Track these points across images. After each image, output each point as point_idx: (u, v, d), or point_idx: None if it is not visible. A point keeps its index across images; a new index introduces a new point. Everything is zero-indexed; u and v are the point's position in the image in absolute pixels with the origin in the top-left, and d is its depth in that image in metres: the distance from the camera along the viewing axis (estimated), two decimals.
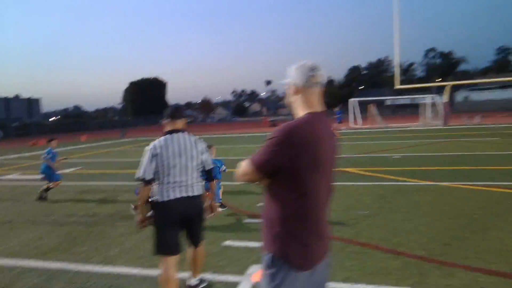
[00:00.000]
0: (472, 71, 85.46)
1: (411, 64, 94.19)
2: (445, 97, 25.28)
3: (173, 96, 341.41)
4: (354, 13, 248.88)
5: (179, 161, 2.93)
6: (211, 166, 3.19)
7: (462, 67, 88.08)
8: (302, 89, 1.79)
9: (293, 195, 1.73)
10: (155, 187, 2.96)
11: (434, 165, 9.42)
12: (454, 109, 59.83)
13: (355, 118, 30.56)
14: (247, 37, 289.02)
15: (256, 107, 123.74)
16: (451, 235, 4.39)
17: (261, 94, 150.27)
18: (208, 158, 3.19)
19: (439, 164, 9.47)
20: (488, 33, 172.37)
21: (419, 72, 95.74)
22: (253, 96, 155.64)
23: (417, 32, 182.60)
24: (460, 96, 68.05)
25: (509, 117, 31.92)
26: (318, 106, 1.80)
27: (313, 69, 1.79)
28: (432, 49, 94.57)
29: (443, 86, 26.74)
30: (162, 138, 2.99)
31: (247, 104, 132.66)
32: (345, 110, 35.41)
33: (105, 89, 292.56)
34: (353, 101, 30.62)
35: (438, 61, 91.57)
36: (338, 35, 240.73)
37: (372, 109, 28.89)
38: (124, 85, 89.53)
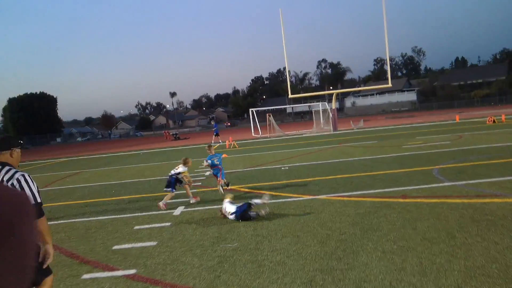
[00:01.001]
0: (356, 80, 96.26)
1: (306, 74, 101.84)
2: (333, 104, 27.17)
3: (68, 112, 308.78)
4: (251, 25, 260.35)
5: None
6: (32, 202, 2.71)
7: (349, 76, 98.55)
8: None
9: None
10: None
11: (317, 175, 9.39)
12: (344, 114, 66.12)
13: (256, 128, 30.95)
14: (149, 48, 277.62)
15: (162, 119, 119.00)
16: (317, 267, 3.88)
17: (167, 106, 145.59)
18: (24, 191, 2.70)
19: (321, 174, 9.47)
20: (366, 45, 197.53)
21: (314, 80, 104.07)
22: (159, 108, 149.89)
23: (311, 43, 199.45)
24: (348, 102, 75.62)
25: (387, 120, 36.11)
26: None
27: None
28: (323, 60, 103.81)
29: (332, 94, 28.79)
30: None
31: (152, 117, 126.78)
32: (247, 120, 35.70)
33: None
34: (252, 111, 30.99)
35: (329, 70, 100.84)
36: (241, 45, 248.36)
37: (270, 118, 29.59)
38: (2, 102, 76.76)
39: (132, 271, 4.26)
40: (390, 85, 26.97)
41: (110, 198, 8.94)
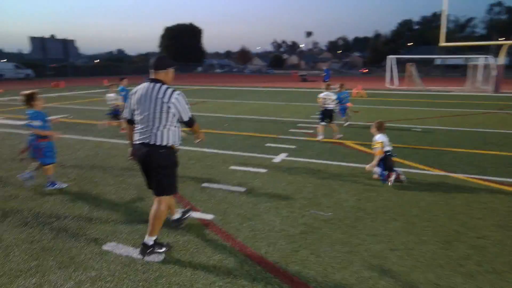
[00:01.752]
0: None
1: (470, 20, 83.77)
2: (500, 59, 21.52)
3: (211, 44, 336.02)
4: None
5: (142, 108, 2.97)
6: (187, 118, 3.09)
7: None
8: None
9: None
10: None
11: (457, 145, 7.40)
12: None
13: (392, 78, 27.50)
14: None
15: (294, 59, 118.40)
16: (431, 279, 2.76)
17: (301, 46, 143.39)
18: (180, 110, 3.02)
19: (463, 145, 7.43)
20: None
21: (480, 29, 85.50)
22: (293, 47, 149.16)
23: None
24: None
25: None
26: None
27: None
28: (498, 4, 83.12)
29: (501, 46, 22.65)
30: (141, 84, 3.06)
31: (285, 56, 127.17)
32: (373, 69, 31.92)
33: (146, 34, 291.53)
34: (391, 59, 27.32)
35: (503, 17, 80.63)
36: None
37: (411, 69, 25.59)
38: (162, 30, 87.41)
39: (210, 217, 3.92)
40: None
41: (221, 131, 8.97)
